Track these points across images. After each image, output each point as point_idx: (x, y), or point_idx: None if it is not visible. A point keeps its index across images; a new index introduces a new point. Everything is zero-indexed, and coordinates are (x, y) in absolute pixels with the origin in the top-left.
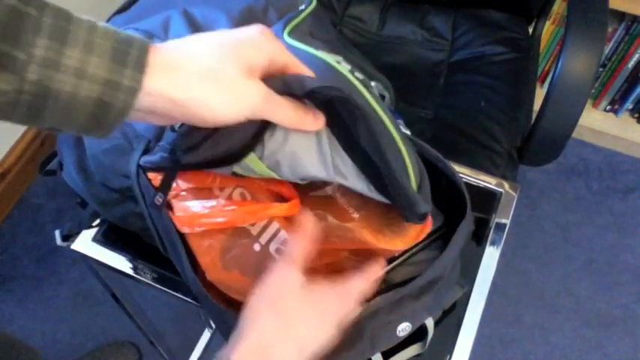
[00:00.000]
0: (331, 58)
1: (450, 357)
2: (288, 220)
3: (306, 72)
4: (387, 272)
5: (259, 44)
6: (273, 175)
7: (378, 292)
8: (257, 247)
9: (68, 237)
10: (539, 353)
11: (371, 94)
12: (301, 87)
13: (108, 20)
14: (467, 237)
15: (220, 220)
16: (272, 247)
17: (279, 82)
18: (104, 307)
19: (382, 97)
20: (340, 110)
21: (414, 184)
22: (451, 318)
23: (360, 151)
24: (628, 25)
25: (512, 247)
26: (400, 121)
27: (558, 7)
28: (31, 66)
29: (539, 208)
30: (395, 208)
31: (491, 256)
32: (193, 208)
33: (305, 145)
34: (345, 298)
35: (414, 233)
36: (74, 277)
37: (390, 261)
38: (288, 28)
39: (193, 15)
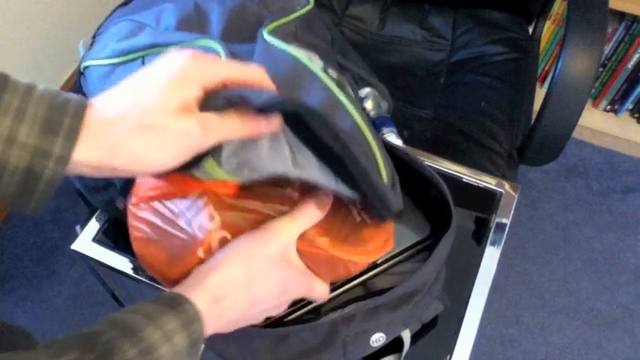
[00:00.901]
0: (303, 55)
1: (450, 357)
2: (218, 197)
3: (250, 79)
4: (368, 280)
5: (188, 76)
6: (234, 179)
7: (356, 299)
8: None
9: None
10: (539, 353)
11: (343, 93)
12: (245, 102)
13: (111, 14)
14: (449, 250)
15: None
16: (194, 224)
17: (221, 101)
18: (104, 307)
19: (379, 105)
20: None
21: (385, 179)
22: (451, 318)
23: (323, 147)
24: (628, 25)
25: (512, 247)
26: (392, 129)
27: (558, 7)
28: None
29: (539, 208)
30: (364, 210)
31: (491, 256)
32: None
33: (263, 143)
34: (309, 287)
35: (375, 247)
36: (74, 277)
37: (371, 268)
38: (269, 27)
39: (189, 3)
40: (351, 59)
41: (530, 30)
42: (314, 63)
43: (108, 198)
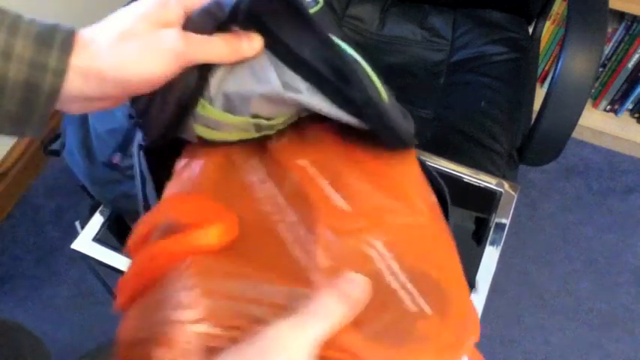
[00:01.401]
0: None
1: None
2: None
3: None
4: None
5: (169, 1)
6: (231, 117)
7: None
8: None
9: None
10: (539, 353)
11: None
12: (221, 8)
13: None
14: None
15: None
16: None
17: (199, 15)
18: (104, 307)
19: None
20: (277, 22)
21: (385, 99)
22: None
23: (310, 67)
24: (628, 25)
25: (512, 247)
26: None
27: (558, 7)
28: None
29: (539, 208)
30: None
31: (491, 256)
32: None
33: (245, 69)
34: None
35: (439, 347)
36: (74, 277)
37: None
38: None
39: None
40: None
41: (530, 30)
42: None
43: (117, 193)
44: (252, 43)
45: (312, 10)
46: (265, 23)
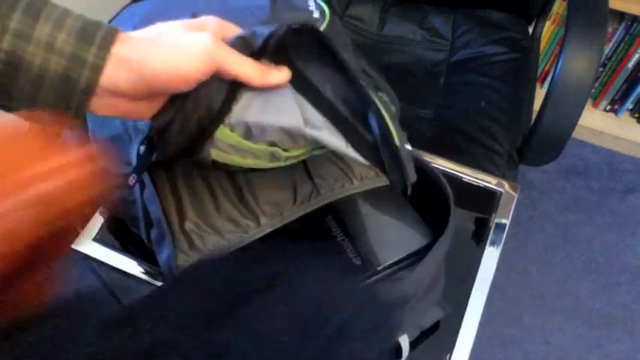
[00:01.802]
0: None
1: (450, 357)
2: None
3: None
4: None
5: (210, 20)
6: (249, 144)
7: None
8: None
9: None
10: (539, 353)
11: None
12: (255, 37)
13: (121, 10)
14: (443, 255)
15: None
16: None
17: (234, 40)
18: (104, 307)
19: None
20: (304, 58)
21: (396, 140)
22: (451, 318)
23: (330, 106)
24: (628, 25)
25: (512, 247)
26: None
27: (558, 7)
28: (5, 36)
29: (539, 208)
30: None
31: (491, 256)
32: None
33: (272, 100)
34: None
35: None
36: (74, 277)
37: (371, 275)
38: None
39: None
40: (362, 64)
41: (530, 30)
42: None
43: (117, 198)
44: (280, 73)
45: (322, 26)
46: (293, 59)
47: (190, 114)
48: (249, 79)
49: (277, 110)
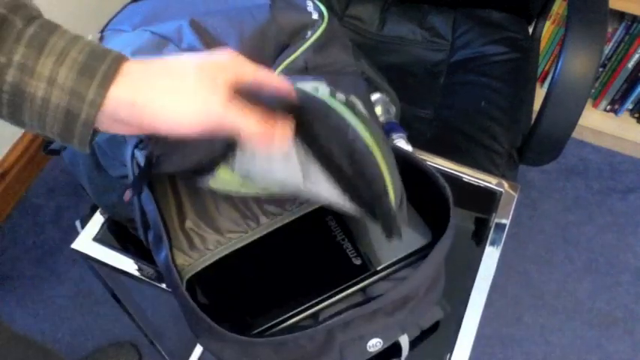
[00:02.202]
0: (310, 86)
1: (450, 357)
2: None
3: (279, 85)
4: (368, 286)
5: (225, 65)
6: (245, 187)
7: (354, 305)
8: None
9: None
10: (539, 353)
11: (354, 114)
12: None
13: (121, 9)
14: (444, 255)
15: None
16: None
17: (247, 96)
18: (104, 307)
19: (387, 110)
20: (313, 124)
21: (392, 201)
22: (451, 318)
23: (334, 165)
24: (628, 25)
25: (512, 247)
26: (402, 135)
27: (558, 7)
28: (10, 69)
29: (539, 208)
30: None
31: (491, 256)
32: None
33: (274, 154)
34: None
35: None
36: (74, 277)
37: (371, 275)
38: (278, 69)
39: (205, 27)
40: (362, 64)
41: (530, 30)
42: (321, 91)
43: (114, 200)
44: (283, 133)
45: (313, 38)
46: (302, 113)
47: (190, 153)
48: (248, 137)
49: (279, 165)
